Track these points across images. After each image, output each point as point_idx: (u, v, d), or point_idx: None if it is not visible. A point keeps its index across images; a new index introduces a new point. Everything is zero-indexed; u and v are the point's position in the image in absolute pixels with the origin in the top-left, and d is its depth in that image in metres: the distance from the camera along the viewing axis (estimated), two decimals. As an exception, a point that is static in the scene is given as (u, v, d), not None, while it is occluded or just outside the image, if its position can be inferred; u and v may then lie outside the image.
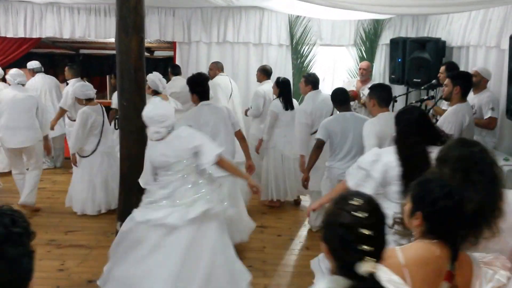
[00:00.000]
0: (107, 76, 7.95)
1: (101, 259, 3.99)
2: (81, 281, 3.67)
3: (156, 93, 5.05)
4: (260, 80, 5.77)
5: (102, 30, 6.71)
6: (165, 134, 2.99)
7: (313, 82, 4.90)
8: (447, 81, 3.86)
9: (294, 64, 6.76)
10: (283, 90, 5.15)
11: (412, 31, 6.55)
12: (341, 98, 4.17)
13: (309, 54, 6.71)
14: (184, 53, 6.88)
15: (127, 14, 3.70)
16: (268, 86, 5.56)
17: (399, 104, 5.40)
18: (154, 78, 5.07)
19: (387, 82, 6.53)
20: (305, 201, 5.46)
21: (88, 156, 5.06)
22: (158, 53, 8.78)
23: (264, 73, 5.73)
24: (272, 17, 6.70)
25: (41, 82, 6.47)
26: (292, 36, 6.71)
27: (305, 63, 6.73)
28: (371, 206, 1.29)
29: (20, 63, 6.80)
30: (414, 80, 5.66)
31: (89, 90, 5.02)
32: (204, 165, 3.03)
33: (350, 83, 6.11)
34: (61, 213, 5.13)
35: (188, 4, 6.56)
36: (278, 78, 5.24)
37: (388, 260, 1.35)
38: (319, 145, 4.10)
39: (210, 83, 4.56)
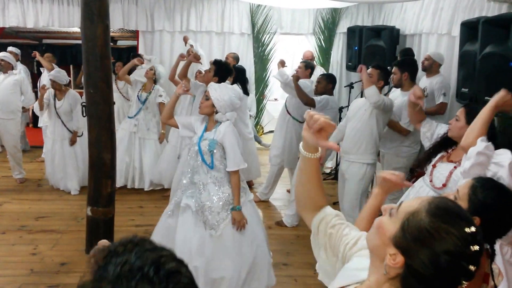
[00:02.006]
0: (71, 66, 7.93)
1: (73, 243, 4.14)
2: (53, 264, 3.79)
3: (154, 82, 5.49)
4: None
5: (66, 19, 6.68)
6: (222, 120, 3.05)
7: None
8: (394, 69, 4.10)
9: (256, 52, 6.97)
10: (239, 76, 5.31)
11: (368, 20, 6.85)
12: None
13: (270, 42, 6.94)
14: (148, 42, 6.93)
15: (92, 1, 3.71)
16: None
17: (355, 91, 5.71)
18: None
19: (344, 69, 6.86)
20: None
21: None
22: (121, 43, 8.79)
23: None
24: (234, 6, 6.85)
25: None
26: (253, 25, 6.90)
27: (266, 52, 6.96)
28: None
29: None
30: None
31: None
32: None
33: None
34: (31, 200, 5.25)
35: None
36: (233, 66, 5.44)
37: None
38: None
39: None
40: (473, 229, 0.94)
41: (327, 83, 4.76)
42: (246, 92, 5.31)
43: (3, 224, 4.44)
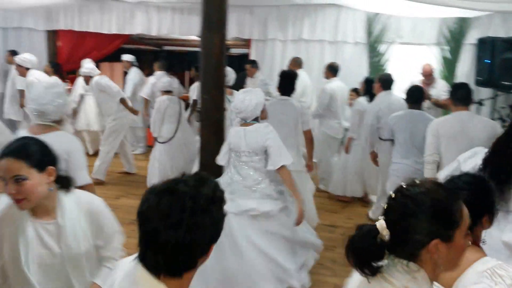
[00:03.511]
0: (186, 71, 8.36)
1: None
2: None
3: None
4: (327, 77, 5.76)
5: (186, 27, 7.06)
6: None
7: (383, 82, 4.80)
8: None
9: (371, 62, 6.63)
10: (369, 88, 5.11)
11: (501, 31, 6.12)
12: (414, 96, 4.08)
13: (386, 52, 6.55)
14: (260, 50, 7.02)
15: (212, 11, 3.85)
16: (336, 83, 5.53)
17: (486, 108, 5.10)
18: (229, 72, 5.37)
19: (472, 84, 6.19)
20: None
21: (164, 142, 5.42)
22: (233, 51, 9.04)
23: (331, 70, 5.70)
24: (349, 14, 6.62)
25: (137, 75, 7.13)
26: (369, 34, 6.58)
27: (381, 62, 6.57)
28: None
29: (111, 58, 7.39)
30: (504, 82, 5.29)
31: (168, 83, 5.47)
32: (268, 167, 3.10)
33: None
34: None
35: (265, 2, 6.68)
36: (366, 78, 5.32)
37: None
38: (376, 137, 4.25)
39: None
40: None
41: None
42: None
43: (118, 217, 4.72)
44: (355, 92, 5.62)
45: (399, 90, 4.92)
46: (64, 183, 1.71)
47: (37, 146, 1.61)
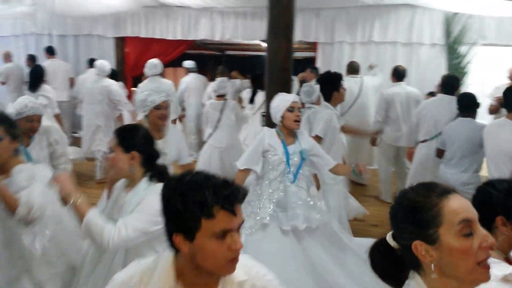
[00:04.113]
0: (247, 76, 8.22)
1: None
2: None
3: None
4: (393, 81, 5.22)
5: (249, 32, 6.96)
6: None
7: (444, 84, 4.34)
8: None
9: (450, 65, 6.09)
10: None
11: None
12: (466, 104, 3.66)
13: (467, 54, 5.98)
14: (326, 53, 6.78)
15: (278, 15, 3.71)
16: (396, 88, 5.02)
17: None
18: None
19: None
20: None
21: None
22: (297, 54, 8.81)
23: (394, 74, 5.15)
24: (425, 14, 6.20)
25: (191, 80, 6.97)
26: (448, 34, 6.05)
27: (461, 64, 6.01)
28: None
29: (174, 63, 7.44)
30: None
31: (218, 87, 5.09)
32: (325, 168, 2.96)
33: (499, 88, 5.21)
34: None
35: (333, 4, 6.41)
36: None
37: None
38: (437, 153, 3.82)
39: None
40: None
41: None
42: None
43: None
44: (432, 95, 5.15)
45: (482, 95, 4.46)
46: (155, 174, 1.93)
47: (129, 132, 1.97)
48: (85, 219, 1.70)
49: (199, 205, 1.07)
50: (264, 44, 4.28)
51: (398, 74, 5.12)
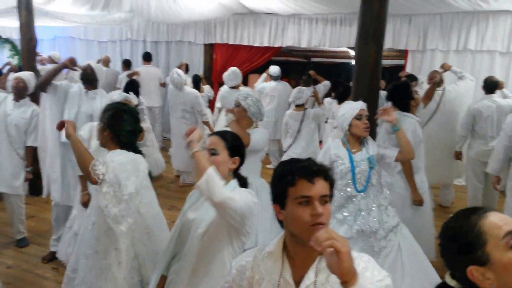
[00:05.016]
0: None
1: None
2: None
3: None
4: (485, 93, 4.85)
5: (336, 39, 6.91)
6: None
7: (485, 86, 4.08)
8: None
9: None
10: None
11: None
12: None
13: None
14: (417, 61, 6.52)
15: (369, 21, 3.65)
16: (485, 102, 4.68)
17: None
18: None
19: None
20: None
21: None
22: (385, 62, 8.55)
23: (484, 86, 4.81)
24: (528, 21, 5.70)
25: (275, 87, 7.04)
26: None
27: None
28: None
29: (260, 70, 7.58)
30: None
31: (295, 98, 5.17)
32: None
33: None
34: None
35: (426, 10, 6.15)
36: None
37: None
38: None
39: None
40: None
41: None
42: None
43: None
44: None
45: None
46: (241, 181, 1.96)
47: (238, 140, 2.02)
48: (207, 172, 1.72)
49: (284, 176, 1.28)
50: (352, 51, 4.23)
51: (488, 86, 4.79)
